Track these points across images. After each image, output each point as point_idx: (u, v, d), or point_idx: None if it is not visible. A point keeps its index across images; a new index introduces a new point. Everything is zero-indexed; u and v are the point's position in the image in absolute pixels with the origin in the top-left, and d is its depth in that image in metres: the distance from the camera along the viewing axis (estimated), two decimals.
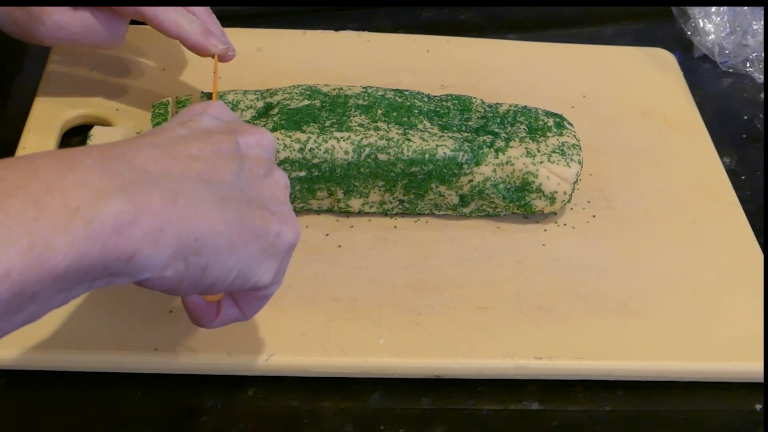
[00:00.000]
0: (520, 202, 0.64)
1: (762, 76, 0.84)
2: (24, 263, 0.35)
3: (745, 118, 0.81)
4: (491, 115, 0.66)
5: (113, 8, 0.64)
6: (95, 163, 0.38)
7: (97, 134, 0.66)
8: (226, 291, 0.47)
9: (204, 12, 0.67)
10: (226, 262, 0.42)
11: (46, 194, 0.36)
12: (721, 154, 0.75)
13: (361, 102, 0.65)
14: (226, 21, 0.75)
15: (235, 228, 0.42)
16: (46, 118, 0.69)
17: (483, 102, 0.67)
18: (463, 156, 0.62)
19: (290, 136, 0.61)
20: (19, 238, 0.35)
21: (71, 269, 0.37)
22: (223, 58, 0.66)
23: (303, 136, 0.61)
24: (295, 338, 0.56)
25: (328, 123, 0.63)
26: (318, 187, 0.63)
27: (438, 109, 0.66)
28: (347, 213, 0.65)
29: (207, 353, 0.55)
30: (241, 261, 0.43)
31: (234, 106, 0.64)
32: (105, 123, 0.70)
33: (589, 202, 0.68)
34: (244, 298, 0.49)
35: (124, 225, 0.37)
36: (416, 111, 0.65)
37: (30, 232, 0.35)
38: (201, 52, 0.65)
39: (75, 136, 0.70)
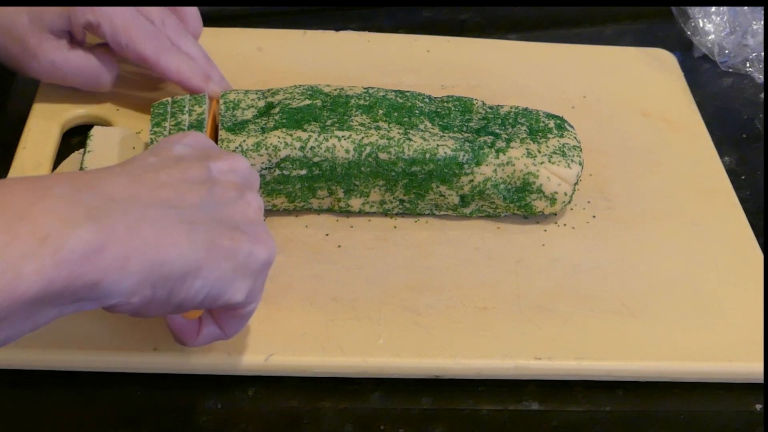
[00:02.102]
0: (521, 203, 0.64)
1: (762, 76, 0.84)
2: None
3: (745, 118, 0.81)
4: (492, 116, 0.66)
5: (109, 52, 0.66)
6: (64, 191, 0.39)
7: (97, 134, 0.66)
8: (198, 309, 0.47)
9: (203, 57, 0.68)
10: (193, 285, 0.43)
11: (17, 221, 0.37)
12: (721, 154, 0.75)
13: (362, 102, 0.65)
14: (226, 21, 0.76)
15: (202, 250, 0.43)
16: (46, 118, 0.69)
17: (484, 103, 0.67)
18: (464, 156, 0.62)
19: (291, 135, 0.61)
20: None
21: (40, 294, 0.38)
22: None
23: (304, 135, 0.61)
24: (295, 338, 0.56)
25: (329, 122, 0.63)
26: (318, 186, 0.63)
27: (439, 110, 0.66)
28: (347, 213, 0.65)
29: (207, 353, 0.55)
30: (210, 283, 0.44)
31: (235, 106, 0.64)
32: (105, 123, 0.70)
33: (589, 202, 0.68)
34: (223, 317, 0.49)
35: (91, 253, 0.38)
36: (417, 111, 0.65)
37: (1, 258, 0.36)
38: (197, 92, 0.66)
39: (75, 136, 0.70)
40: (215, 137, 0.64)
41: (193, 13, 0.70)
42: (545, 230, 0.66)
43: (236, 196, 0.47)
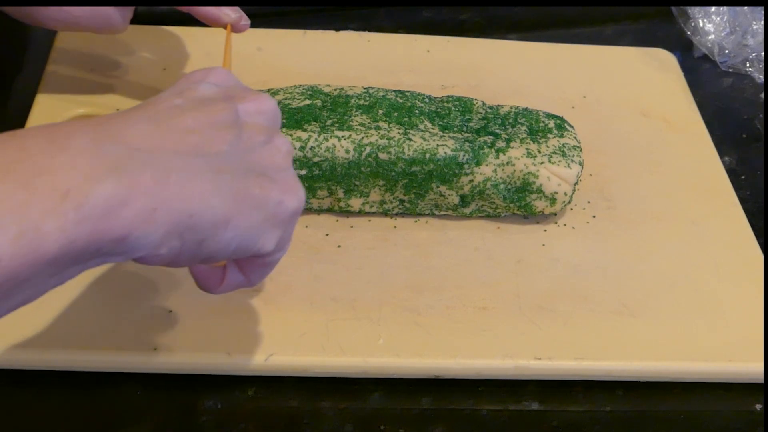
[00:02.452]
0: (521, 203, 0.64)
1: (762, 76, 0.84)
2: (14, 250, 0.35)
3: (745, 118, 0.81)
4: (492, 116, 0.66)
5: None
6: (85, 143, 0.37)
7: None
8: (228, 259, 0.46)
9: None
10: (223, 236, 0.41)
11: (35, 177, 0.36)
12: (721, 154, 0.75)
13: (362, 102, 0.65)
14: None
15: (231, 200, 0.41)
16: (46, 118, 0.69)
17: (484, 104, 0.67)
18: (464, 156, 0.62)
19: (291, 135, 0.61)
20: (8, 225, 0.35)
21: (62, 253, 0.36)
22: (236, 28, 0.65)
23: (304, 135, 0.62)
24: (295, 338, 0.56)
25: (329, 122, 0.63)
26: (319, 186, 0.63)
27: (439, 110, 0.66)
28: (347, 213, 0.65)
29: (207, 353, 0.55)
30: (240, 233, 0.42)
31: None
32: None
33: (589, 202, 0.68)
34: (249, 265, 0.48)
35: (115, 207, 0.37)
36: (417, 111, 0.65)
37: (20, 217, 0.35)
38: (213, 21, 0.64)
39: None
40: (230, 65, 0.63)
41: None
42: (545, 230, 0.66)
43: (264, 140, 0.45)
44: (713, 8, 0.85)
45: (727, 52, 0.85)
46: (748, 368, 0.58)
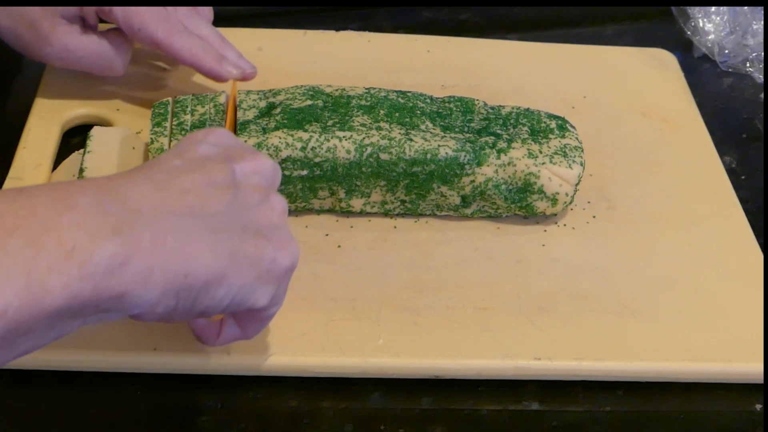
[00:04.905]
0: (522, 203, 0.64)
1: (762, 76, 0.84)
2: (20, 302, 0.36)
3: (745, 118, 0.81)
4: (493, 116, 0.66)
5: (122, 35, 0.65)
6: (89, 202, 0.39)
7: (96, 134, 0.66)
8: (221, 314, 0.47)
9: (217, 38, 0.68)
10: (216, 293, 0.43)
11: (43, 234, 0.37)
12: (721, 154, 0.75)
13: (363, 102, 0.65)
14: (226, 21, 0.76)
15: (226, 259, 0.43)
16: (46, 118, 0.69)
17: (485, 104, 0.67)
18: (465, 156, 0.62)
19: (292, 135, 0.61)
20: (17, 278, 0.36)
21: (64, 307, 0.38)
22: (245, 78, 0.67)
23: (305, 135, 0.61)
24: (295, 338, 0.56)
25: (330, 122, 0.63)
26: (319, 186, 0.63)
27: (440, 110, 0.66)
28: (347, 213, 0.65)
29: (207, 353, 0.55)
30: (234, 290, 0.44)
31: (237, 106, 0.64)
32: (105, 123, 0.70)
33: (589, 202, 0.68)
34: (245, 318, 0.50)
35: (116, 267, 0.38)
36: (418, 112, 0.65)
37: (27, 271, 0.36)
38: (216, 78, 0.66)
39: (75, 136, 0.70)
40: (235, 119, 0.63)
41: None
42: (545, 230, 0.66)
43: (260, 199, 0.46)
44: (713, 8, 0.85)
45: (727, 52, 0.85)
46: (748, 368, 0.58)
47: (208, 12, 0.70)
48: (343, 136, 0.62)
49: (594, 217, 0.67)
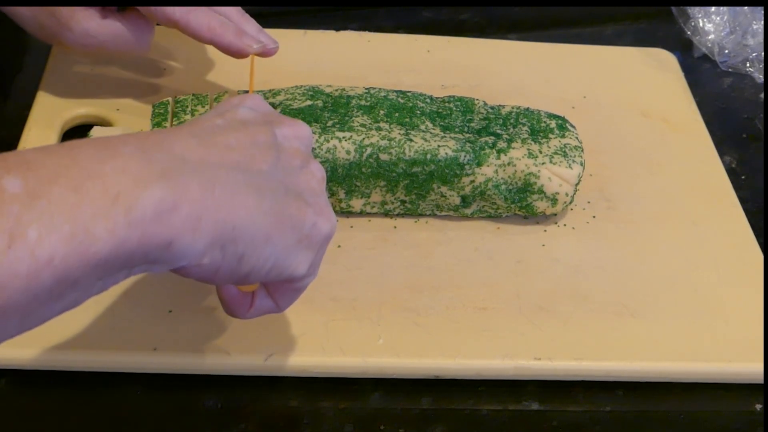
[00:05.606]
0: (522, 203, 0.64)
1: (762, 76, 0.84)
2: (66, 250, 0.35)
3: (745, 118, 0.81)
4: (493, 116, 0.66)
5: (142, 15, 0.64)
6: (134, 151, 0.38)
7: (96, 134, 0.66)
8: (262, 281, 0.47)
9: (236, 12, 0.66)
10: (263, 252, 0.42)
11: (86, 180, 0.36)
12: (721, 154, 0.75)
13: (363, 102, 0.65)
14: None
15: (271, 218, 0.42)
16: (46, 118, 0.69)
17: (485, 104, 0.67)
18: (465, 156, 0.62)
19: None
20: (61, 225, 0.35)
21: (111, 256, 0.37)
22: (266, 53, 0.65)
23: None
24: (295, 338, 0.56)
25: (330, 123, 0.63)
26: None
27: (440, 110, 0.66)
28: (347, 213, 0.65)
29: (207, 353, 0.55)
30: (277, 251, 0.43)
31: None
32: (105, 123, 0.70)
33: (589, 202, 0.68)
34: (279, 289, 0.49)
35: (164, 212, 0.38)
36: (418, 112, 0.65)
37: (72, 218, 0.35)
38: (237, 54, 0.64)
39: (75, 136, 0.70)
40: None
41: None
42: (545, 230, 0.66)
43: (301, 164, 0.46)
44: (713, 8, 0.85)
45: (727, 52, 0.85)
46: (748, 368, 0.58)
47: None
48: (343, 137, 0.62)
49: (594, 217, 0.67)
